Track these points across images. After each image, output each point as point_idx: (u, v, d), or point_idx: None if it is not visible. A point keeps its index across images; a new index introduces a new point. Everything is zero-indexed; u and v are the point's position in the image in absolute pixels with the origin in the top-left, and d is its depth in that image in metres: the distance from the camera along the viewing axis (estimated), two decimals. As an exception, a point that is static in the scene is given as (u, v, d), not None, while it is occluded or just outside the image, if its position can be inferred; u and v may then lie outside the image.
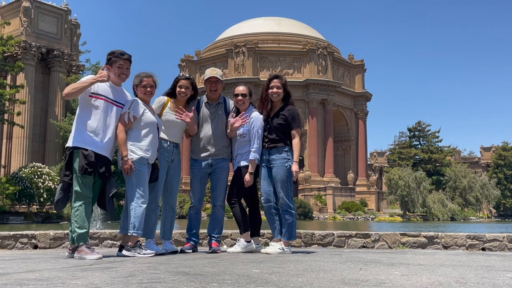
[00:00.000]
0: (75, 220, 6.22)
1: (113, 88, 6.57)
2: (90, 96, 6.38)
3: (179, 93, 7.13)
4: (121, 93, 6.70)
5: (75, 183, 6.25)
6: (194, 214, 7.42)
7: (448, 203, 78.21)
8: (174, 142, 7.15)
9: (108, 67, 6.56)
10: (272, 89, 7.22)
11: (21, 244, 8.35)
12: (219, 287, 3.49)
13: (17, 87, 47.99)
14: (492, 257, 6.61)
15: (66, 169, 6.35)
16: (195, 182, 7.39)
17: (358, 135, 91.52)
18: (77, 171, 6.21)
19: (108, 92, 6.49)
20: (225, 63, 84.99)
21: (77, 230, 6.19)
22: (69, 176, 6.31)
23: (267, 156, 7.18)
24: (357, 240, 8.52)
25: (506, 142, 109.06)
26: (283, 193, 7.02)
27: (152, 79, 6.80)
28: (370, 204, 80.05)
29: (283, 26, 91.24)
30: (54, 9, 60.59)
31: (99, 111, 6.39)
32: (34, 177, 45.66)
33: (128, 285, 3.55)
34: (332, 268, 4.83)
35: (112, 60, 6.57)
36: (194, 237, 7.38)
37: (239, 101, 7.38)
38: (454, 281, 3.90)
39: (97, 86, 6.40)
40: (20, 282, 3.69)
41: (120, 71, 6.57)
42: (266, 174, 7.22)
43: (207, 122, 7.36)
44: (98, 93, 6.42)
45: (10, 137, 56.01)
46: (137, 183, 6.47)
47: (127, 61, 6.62)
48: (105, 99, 6.44)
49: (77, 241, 6.19)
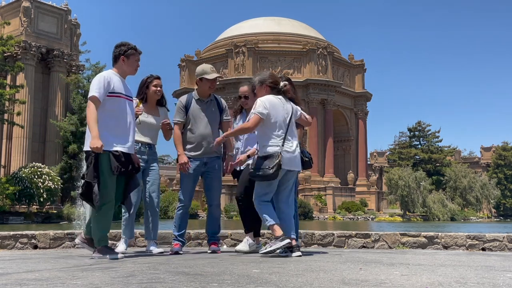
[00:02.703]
0: (99, 221, 6.17)
1: (123, 82, 6.49)
2: (109, 96, 6.22)
3: (155, 92, 7.15)
4: (127, 86, 6.61)
5: (103, 185, 6.08)
6: (183, 213, 7.26)
7: (448, 203, 78.19)
8: (148, 143, 7.16)
9: (123, 58, 6.44)
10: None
11: (21, 244, 8.34)
12: (219, 287, 3.49)
13: (17, 87, 47.95)
14: (492, 257, 6.61)
15: (95, 171, 6.08)
16: (187, 181, 7.23)
17: (358, 135, 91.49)
18: (107, 172, 6.09)
19: (122, 88, 6.38)
20: (225, 63, 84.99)
21: (99, 232, 6.17)
22: (98, 178, 6.11)
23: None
24: (357, 240, 8.51)
25: (506, 142, 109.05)
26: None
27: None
28: (370, 204, 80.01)
29: (283, 26, 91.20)
30: (54, 9, 60.53)
31: (118, 109, 6.27)
32: (34, 177, 45.62)
33: (128, 285, 3.55)
34: (332, 268, 4.83)
35: (130, 53, 6.47)
36: (182, 238, 7.25)
37: (243, 103, 7.43)
38: (454, 281, 3.90)
39: (113, 84, 6.27)
40: (20, 282, 3.69)
41: (137, 65, 6.56)
42: None
43: (199, 119, 7.19)
44: (117, 91, 6.29)
45: (10, 137, 55.95)
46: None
47: (140, 56, 6.64)
48: (122, 96, 6.33)
49: (98, 243, 6.15)
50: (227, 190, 64.55)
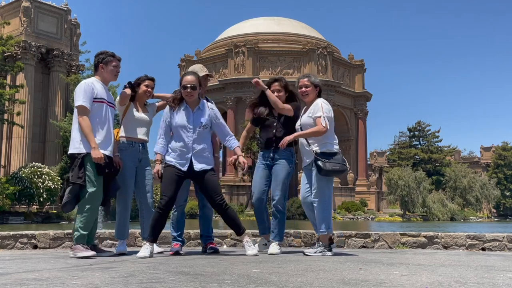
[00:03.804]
0: (81, 220, 6.37)
1: (105, 88, 6.79)
2: (94, 101, 6.54)
3: (144, 92, 7.13)
4: (109, 93, 6.91)
5: (89, 185, 6.36)
6: (181, 214, 7.26)
7: (448, 203, 78.19)
8: (142, 140, 7.12)
9: (102, 66, 6.75)
10: (273, 93, 7.12)
11: (21, 244, 8.34)
12: (219, 287, 3.49)
13: (17, 87, 47.90)
14: (492, 257, 6.61)
15: (79, 172, 6.39)
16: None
17: (358, 135, 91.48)
18: (93, 173, 6.35)
19: (105, 94, 6.70)
20: (225, 63, 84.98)
21: (81, 231, 6.35)
22: (82, 179, 6.39)
23: (271, 154, 7.12)
24: (357, 240, 8.51)
25: (506, 142, 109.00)
26: (282, 193, 7.01)
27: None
28: (370, 204, 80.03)
29: (283, 26, 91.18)
30: (54, 9, 60.52)
31: (102, 114, 6.59)
32: (34, 177, 45.61)
33: (128, 285, 3.55)
34: (332, 268, 4.83)
35: (108, 59, 6.76)
36: (181, 237, 7.24)
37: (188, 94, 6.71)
38: (454, 281, 3.90)
39: (96, 90, 6.58)
40: (20, 282, 3.69)
41: (116, 70, 6.82)
42: (264, 172, 7.17)
43: None
44: (100, 96, 6.60)
45: (10, 137, 55.94)
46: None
47: (119, 62, 6.89)
48: (105, 102, 6.65)
49: (76, 240, 6.34)
50: (227, 190, 64.51)
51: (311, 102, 6.90)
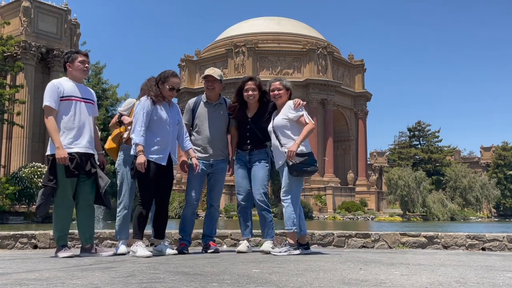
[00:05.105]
0: (56, 222, 6.47)
1: (78, 86, 6.71)
2: (61, 100, 6.48)
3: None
4: (85, 89, 6.85)
5: (60, 187, 6.37)
6: (191, 214, 7.30)
7: (448, 203, 78.18)
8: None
9: (69, 65, 6.70)
10: (248, 92, 7.16)
11: (21, 244, 8.35)
12: (219, 287, 3.48)
13: (17, 87, 47.91)
14: (492, 257, 6.61)
15: (50, 174, 6.39)
16: (195, 182, 7.25)
17: (358, 135, 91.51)
18: (62, 175, 6.33)
19: (75, 91, 6.62)
20: (225, 63, 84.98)
21: (58, 233, 6.45)
22: (53, 181, 6.37)
23: (247, 156, 7.21)
24: (357, 240, 8.51)
25: (506, 142, 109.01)
26: (264, 191, 7.08)
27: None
28: (370, 204, 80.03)
29: (283, 26, 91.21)
30: (54, 9, 60.51)
31: (72, 111, 6.51)
32: (34, 177, 45.60)
33: (128, 285, 3.54)
34: (332, 268, 4.83)
35: (73, 57, 6.72)
36: (189, 238, 7.27)
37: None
38: (454, 281, 3.90)
39: (63, 88, 6.53)
40: (20, 282, 3.69)
41: (84, 65, 6.73)
42: (245, 173, 7.25)
43: (206, 121, 7.25)
44: (67, 94, 6.54)
45: (10, 137, 55.93)
46: None
47: (86, 57, 6.81)
48: (74, 98, 6.57)
49: (57, 242, 6.45)
50: (227, 190, 64.52)
51: (282, 104, 7.02)
